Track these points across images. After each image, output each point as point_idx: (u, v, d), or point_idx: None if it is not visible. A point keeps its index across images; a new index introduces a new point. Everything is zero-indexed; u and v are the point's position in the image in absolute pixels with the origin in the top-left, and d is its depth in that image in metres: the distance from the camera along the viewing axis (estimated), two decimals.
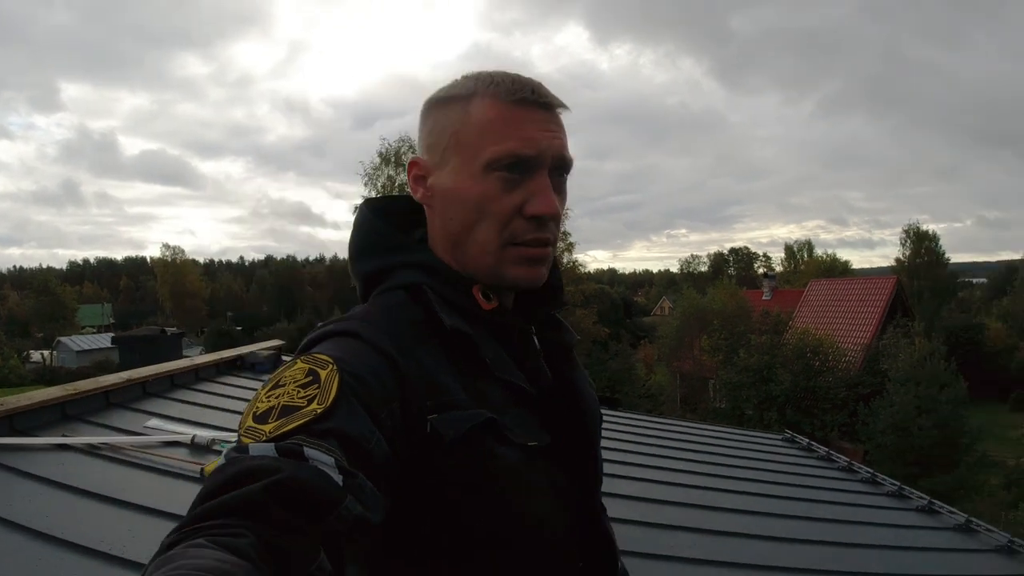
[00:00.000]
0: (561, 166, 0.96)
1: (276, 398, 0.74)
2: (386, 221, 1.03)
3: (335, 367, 0.77)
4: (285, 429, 0.69)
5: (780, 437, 7.37)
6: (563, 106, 0.97)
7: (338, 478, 0.65)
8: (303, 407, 0.72)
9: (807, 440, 7.13)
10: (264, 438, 0.69)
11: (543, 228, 0.93)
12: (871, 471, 5.87)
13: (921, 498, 5.11)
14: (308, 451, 0.66)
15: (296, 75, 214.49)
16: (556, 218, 0.95)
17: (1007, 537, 4.29)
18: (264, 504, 0.59)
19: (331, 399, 0.73)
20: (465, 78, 0.97)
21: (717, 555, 3.27)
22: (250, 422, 0.72)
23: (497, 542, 0.87)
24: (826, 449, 6.81)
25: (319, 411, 0.71)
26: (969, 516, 4.63)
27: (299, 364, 0.79)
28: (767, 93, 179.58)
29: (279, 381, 0.77)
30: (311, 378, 0.75)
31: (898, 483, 5.48)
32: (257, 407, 0.74)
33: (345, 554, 0.64)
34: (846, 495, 5.13)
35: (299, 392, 0.74)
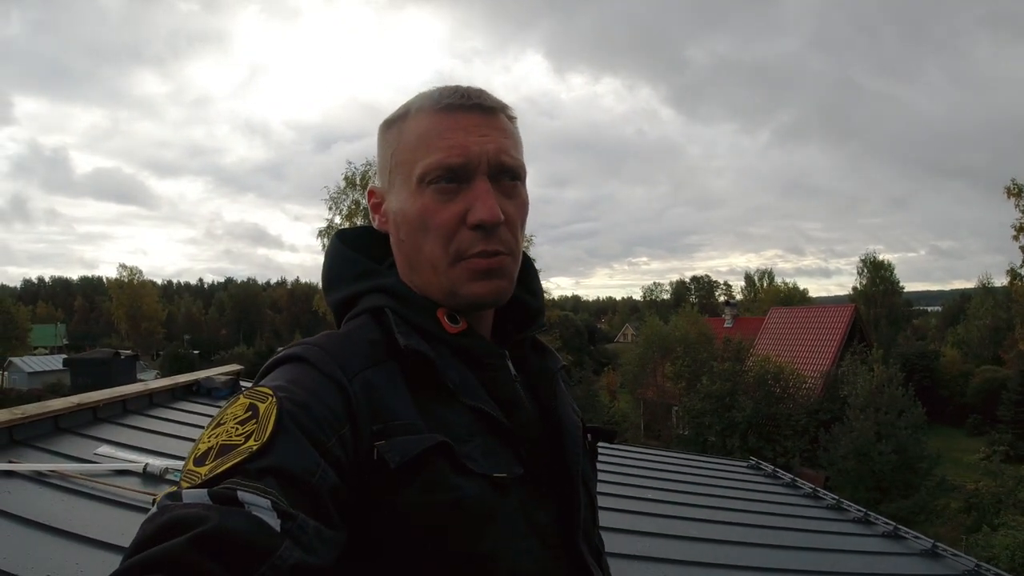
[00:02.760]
0: (502, 171, 0.90)
1: (216, 437, 0.71)
2: (358, 249, 1.00)
3: (274, 399, 0.73)
4: (219, 471, 0.66)
5: (746, 464, 7.38)
6: (501, 107, 0.93)
7: (275, 522, 0.62)
8: (240, 445, 0.69)
9: (772, 467, 7.15)
10: (199, 481, 0.66)
11: (491, 238, 0.88)
12: (836, 497, 5.89)
13: (887, 524, 5.13)
14: (242, 495, 0.62)
15: (257, 97, 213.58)
16: (509, 224, 0.90)
17: (974, 561, 4.31)
18: (189, 559, 0.56)
19: (268, 434, 0.69)
20: (408, 100, 0.95)
21: None
22: (190, 465, 0.69)
23: None
24: (791, 476, 6.84)
25: (255, 448, 0.68)
26: (936, 541, 4.64)
27: (241, 399, 0.75)
28: (723, 122, 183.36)
29: (221, 419, 0.74)
30: (250, 413, 0.72)
31: (864, 509, 5.50)
32: (199, 448, 0.71)
33: None
34: (813, 522, 5.13)
35: (237, 429, 0.71)
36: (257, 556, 0.59)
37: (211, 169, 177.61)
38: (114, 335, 58.74)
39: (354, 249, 1.00)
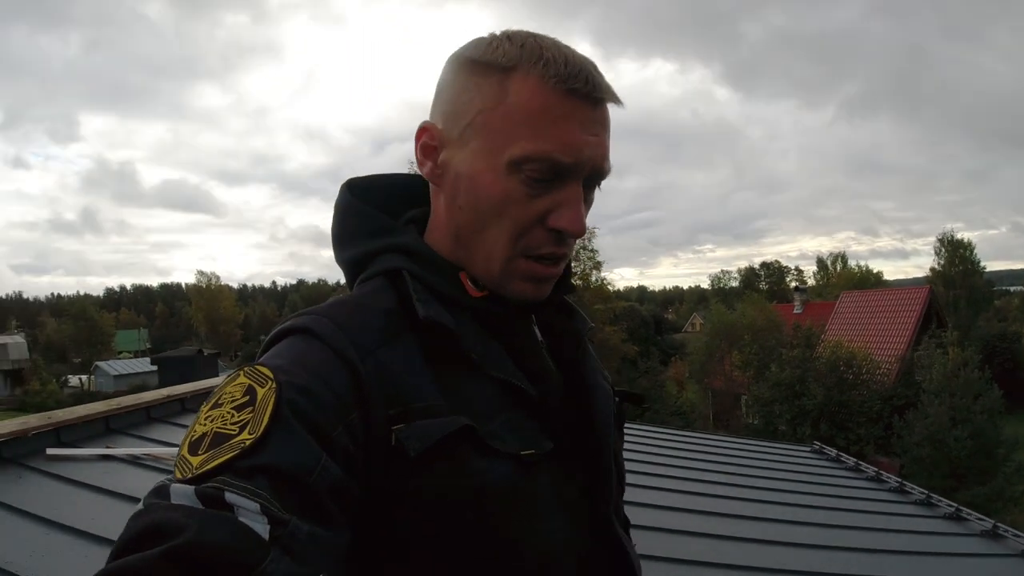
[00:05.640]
0: (598, 177, 0.83)
1: (212, 421, 0.65)
2: (369, 202, 0.91)
3: (273, 384, 0.66)
4: (209, 467, 0.61)
5: (809, 449, 7.38)
6: (616, 100, 0.82)
7: (263, 529, 0.57)
8: (233, 437, 0.63)
9: (835, 451, 7.13)
10: (189, 476, 0.60)
11: (562, 243, 0.82)
12: (899, 480, 5.87)
13: (949, 505, 5.12)
14: (229, 496, 0.57)
15: (313, 103, 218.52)
16: (580, 236, 0.83)
17: None
18: (161, 573, 0.52)
19: (263, 427, 0.63)
20: (508, 41, 0.80)
21: (742, 560, 3.33)
22: (184, 449, 0.64)
23: None
24: (855, 460, 6.81)
25: (248, 443, 0.62)
26: (996, 522, 4.62)
27: (240, 378, 0.69)
28: (783, 99, 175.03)
29: (219, 399, 0.68)
30: (247, 398, 0.66)
31: (926, 491, 5.48)
32: (195, 430, 0.66)
33: None
34: (874, 504, 5.15)
35: (233, 416, 0.65)
36: (238, 572, 0.54)
37: (275, 176, 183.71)
38: (194, 338, 60.84)
39: (364, 202, 0.92)
